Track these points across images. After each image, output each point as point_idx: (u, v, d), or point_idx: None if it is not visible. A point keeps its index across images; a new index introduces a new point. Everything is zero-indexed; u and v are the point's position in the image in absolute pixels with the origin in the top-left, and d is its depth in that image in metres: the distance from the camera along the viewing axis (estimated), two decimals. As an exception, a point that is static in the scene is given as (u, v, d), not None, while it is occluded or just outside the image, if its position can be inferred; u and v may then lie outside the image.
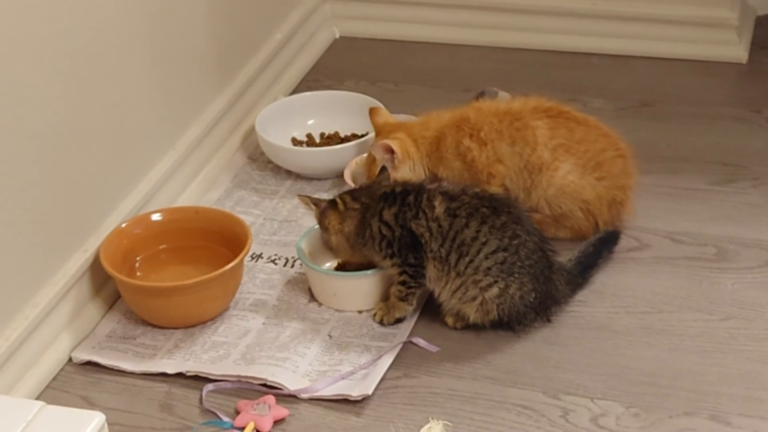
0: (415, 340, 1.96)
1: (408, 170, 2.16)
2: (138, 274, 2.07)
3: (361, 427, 1.81)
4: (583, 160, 2.13)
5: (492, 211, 1.94)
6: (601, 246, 2.09)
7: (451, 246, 1.93)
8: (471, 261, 1.92)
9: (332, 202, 2.03)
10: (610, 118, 2.36)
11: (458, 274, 1.93)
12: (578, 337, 1.96)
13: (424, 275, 1.95)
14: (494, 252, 1.92)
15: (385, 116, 2.28)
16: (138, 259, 2.09)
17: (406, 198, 1.97)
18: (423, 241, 1.94)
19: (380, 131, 2.24)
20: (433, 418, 1.75)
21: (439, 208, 1.95)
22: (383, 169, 2.09)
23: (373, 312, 2.01)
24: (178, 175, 2.27)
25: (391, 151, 2.16)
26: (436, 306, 1.98)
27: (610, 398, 1.83)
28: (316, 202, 2.05)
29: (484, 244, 1.92)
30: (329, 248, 2.05)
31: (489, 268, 1.91)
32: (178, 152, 2.27)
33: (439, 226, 1.94)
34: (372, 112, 2.28)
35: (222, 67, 2.45)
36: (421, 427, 1.75)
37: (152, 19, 2.17)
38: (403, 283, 1.97)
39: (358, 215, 2.00)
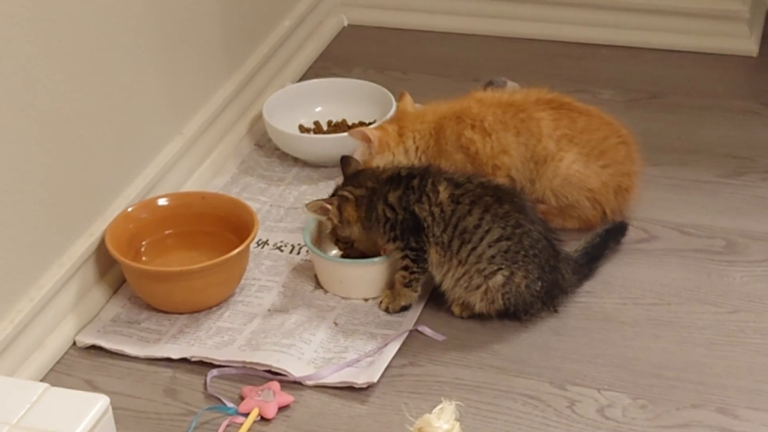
0: (421, 328, 1.96)
1: (387, 161, 2.14)
2: (143, 258, 2.07)
3: (366, 414, 1.81)
4: (587, 149, 2.12)
5: (495, 200, 1.93)
6: (608, 237, 2.08)
7: (453, 232, 1.92)
8: (474, 248, 1.91)
9: (342, 198, 2.01)
10: (620, 109, 2.36)
11: (460, 262, 1.92)
12: (585, 327, 1.95)
13: (426, 260, 1.95)
14: (497, 240, 1.91)
15: (405, 104, 2.26)
16: (144, 243, 2.08)
17: (411, 181, 1.96)
18: (426, 225, 1.94)
19: (393, 118, 2.24)
20: (445, 399, 1.73)
21: (444, 193, 1.94)
22: (345, 158, 2.07)
23: (379, 300, 2.01)
24: (185, 160, 2.27)
25: (368, 140, 2.15)
26: (443, 295, 1.98)
27: (617, 389, 1.83)
28: (329, 202, 2.02)
29: (487, 232, 1.91)
30: (348, 241, 2.03)
31: (493, 257, 1.91)
32: (185, 137, 2.27)
33: (442, 211, 1.93)
34: (400, 96, 2.27)
35: (230, 53, 2.44)
36: (429, 411, 1.73)
37: (162, 3, 2.16)
38: (405, 268, 1.96)
39: (366, 200, 1.99)
